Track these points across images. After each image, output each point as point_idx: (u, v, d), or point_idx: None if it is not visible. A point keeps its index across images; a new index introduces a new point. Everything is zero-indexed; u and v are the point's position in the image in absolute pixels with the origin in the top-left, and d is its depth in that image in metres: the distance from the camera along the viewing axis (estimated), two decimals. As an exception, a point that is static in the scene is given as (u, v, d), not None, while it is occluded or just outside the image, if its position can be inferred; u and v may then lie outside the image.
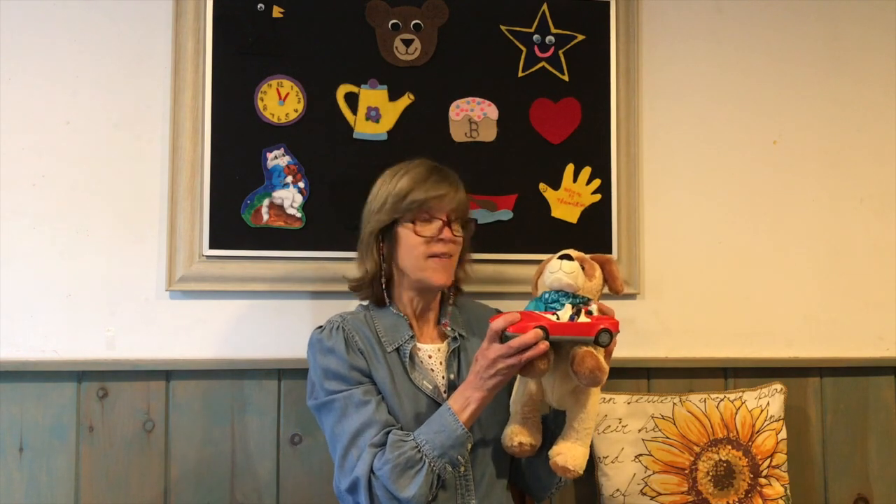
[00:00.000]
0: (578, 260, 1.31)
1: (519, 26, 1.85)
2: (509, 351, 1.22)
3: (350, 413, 1.33)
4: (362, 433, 1.31)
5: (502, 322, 1.23)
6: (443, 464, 1.27)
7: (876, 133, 2.01)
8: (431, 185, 1.39)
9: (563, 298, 1.29)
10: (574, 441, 1.32)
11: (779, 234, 1.96)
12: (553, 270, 1.30)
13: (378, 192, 1.44)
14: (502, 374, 1.25)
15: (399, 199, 1.39)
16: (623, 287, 1.37)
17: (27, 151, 1.69)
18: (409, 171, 1.42)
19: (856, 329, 1.97)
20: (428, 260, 1.39)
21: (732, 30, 1.97)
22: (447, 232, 1.40)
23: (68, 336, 1.69)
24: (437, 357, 1.44)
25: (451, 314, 1.50)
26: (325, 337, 1.40)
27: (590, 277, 1.31)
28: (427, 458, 1.27)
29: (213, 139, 1.72)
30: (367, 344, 1.40)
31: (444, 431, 1.27)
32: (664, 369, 1.87)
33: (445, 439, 1.27)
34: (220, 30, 1.73)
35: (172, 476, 1.69)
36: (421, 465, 1.26)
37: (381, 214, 1.41)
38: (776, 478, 1.73)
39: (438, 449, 1.27)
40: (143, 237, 1.72)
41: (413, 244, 1.39)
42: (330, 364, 1.37)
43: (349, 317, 1.45)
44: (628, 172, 1.88)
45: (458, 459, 1.29)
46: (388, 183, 1.43)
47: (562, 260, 1.30)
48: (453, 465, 1.29)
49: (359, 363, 1.37)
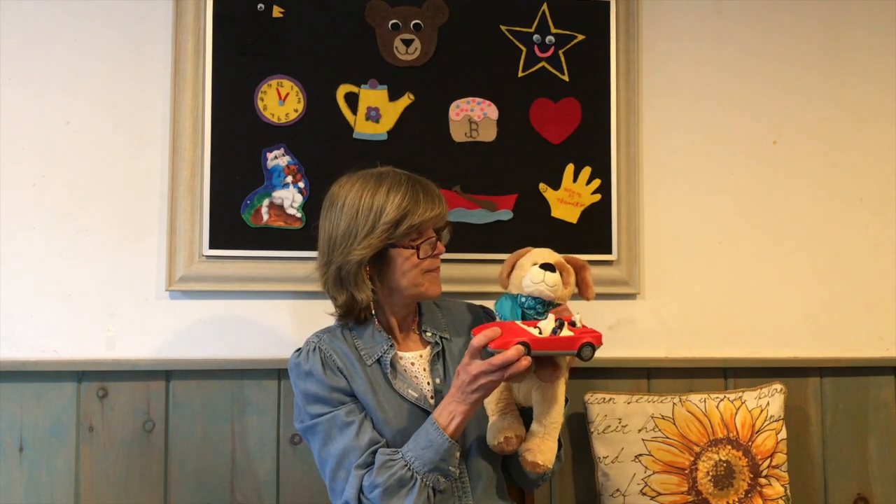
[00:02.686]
0: (558, 267, 1.34)
1: (519, 26, 1.85)
2: (491, 368, 1.20)
3: (334, 436, 1.33)
4: (348, 455, 1.31)
5: (483, 339, 1.21)
6: (435, 477, 1.28)
7: (876, 133, 2.01)
8: (425, 206, 1.34)
9: (539, 306, 1.33)
10: (542, 437, 1.34)
11: (779, 234, 1.96)
12: (536, 281, 1.32)
13: (353, 214, 1.33)
14: (485, 389, 1.25)
15: (392, 226, 1.31)
16: (594, 295, 1.40)
17: (27, 151, 1.69)
18: (390, 190, 1.33)
19: (856, 329, 1.97)
20: (424, 276, 1.37)
21: (732, 30, 1.97)
22: (439, 246, 1.39)
23: (68, 336, 1.69)
24: (419, 363, 1.43)
25: (434, 316, 1.49)
26: (303, 360, 1.38)
27: (566, 285, 1.36)
28: (418, 475, 1.27)
29: (213, 139, 1.72)
30: (345, 360, 1.38)
31: (431, 447, 1.27)
32: (664, 369, 1.87)
33: (434, 454, 1.27)
34: (220, 30, 1.73)
35: (172, 476, 1.69)
36: (413, 483, 1.27)
37: (370, 240, 1.32)
38: (776, 478, 1.73)
39: (428, 464, 1.27)
40: (143, 237, 1.72)
41: (409, 266, 1.36)
42: (310, 388, 1.36)
43: (326, 336, 1.42)
44: (628, 172, 1.88)
45: (449, 470, 1.28)
46: (367, 204, 1.33)
47: (545, 271, 1.32)
48: (446, 476, 1.29)
49: (338, 383, 1.36)
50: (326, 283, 1.40)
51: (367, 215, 1.32)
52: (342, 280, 1.36)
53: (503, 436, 1.34)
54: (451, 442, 1.26)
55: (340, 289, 1.38)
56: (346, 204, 1.35)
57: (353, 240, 1.33)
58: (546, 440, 1.34)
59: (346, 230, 1.34)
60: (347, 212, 1.34)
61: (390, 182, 1.35)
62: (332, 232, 1.36)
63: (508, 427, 1.34)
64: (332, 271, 1.37)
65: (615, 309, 1.88)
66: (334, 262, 1.36)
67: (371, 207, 1.33)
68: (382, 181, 1.35)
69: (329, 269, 1.37)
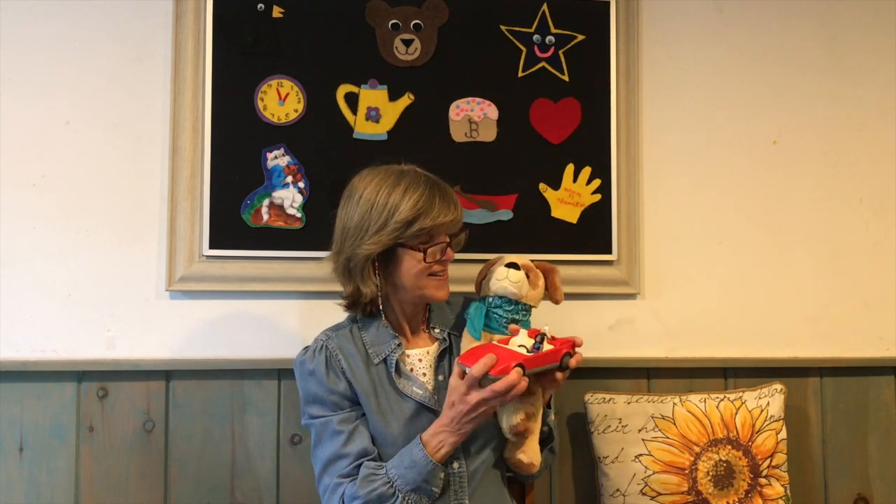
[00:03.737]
0: (524, 269, 1.39)
1: (519, 26, 1.85)
2: (493, 395, 1.22)
3: (324, 441, 1.36)
4: (333, 463, 1.33)
5: (482, 367, 1.22)
6: (417, 497, 1.29)
7: (875, 133, 2.01)
8: (439, 210, 1.33)
9: (505, 304, 1.39)
10: (531, 438, 1.38)
11: (779, 234, 1.96)
12: (500, 278, 1.38)
13: (367, 208, 1.34)
14: (484, 416, 1.27)
15: (403, 226, 1.32)
16: (562, 298, 1.44)
17: (27, 151, 1.69)
18: (407, 189, 1.33)
19: (856, 329, 1.97)
20: (428, 278, 1.38)
21: (732, 30, 1.97)
22: (449, 252, 1.39)
23: (68, 336, 1.69)
24: (426, 360, 1.44)
25: (444, 312, 1.50)
26: (308, 359, 1.40)
27: (533, 286, 1.40)
28: (400, 493, 1.28)
29: (213, 139, 1.72)
30: (350, 361, 1.39)
31: (415, 467, 1.28)
32: (664, 369, 1.87)
33: (416, 475, 1.28)
34: (220, 30, 1.73)
35: (172, 476, 1.69)
36: (394, 500, 1.28)
37: (380, 237, 1.32)
38: (776, 478, 1.73)
39: (411, 484, 1.28)
40: (143, 237, 1.72)
41: (415, 267, 1.36)
42: (310, 388, 1.38)
43: (334, 334, 1.43)
44: (628, 172, 1.88)
45: (432, 491, 1.30)
46: (382, 201, 1.33)
47: (509, 269, 1.37)
48: (429, 496, 1.30)
49: (338, 387, 1.37)
50: (336, 271, 1.42)
51: (380, 211, 1.33)
52: (350, 271, 1.38)
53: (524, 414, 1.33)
54: (434, 464, 1.28)
55: (348, 279, 1.40)
56: (363, 197, 1.35)
57: (364, 233, 1.34)
58: (534, 440, 1.39)
59: (359, 223, 1.34)
60: (363, 205, 1.35)
61: (408, 181, 1.35)
62: (347, 223, 1.37)
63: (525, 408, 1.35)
64: (342, 261, 1.38)
65: (615, 309, 1.88)
66: (344, 253, 1.37)
67: (386, 204, 1.33)
68: (401, 180, 1.35)
69: (339, 259, 1.39)
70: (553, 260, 1.58)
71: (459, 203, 1.40)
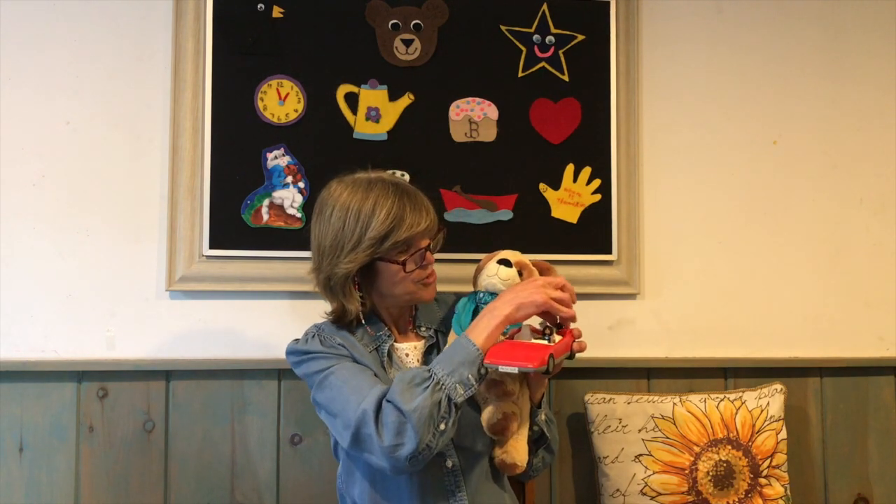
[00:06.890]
0: (518, 265, 1.37)
1: (519, 26, 1.85)
2: (559, 283, 1.31)
3: (349, 378, 1.28)
4: (370, 388, 1.25)
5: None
6: (453, 383, 1.22)
7: (875, 133, 2.01)
8: (411, 219, 1.31)
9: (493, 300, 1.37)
10: (515, 439, 1.37)
11: (779, 235, 1.96)
12: (490, 274, 1.37)
13: (340, 226, 1.31)
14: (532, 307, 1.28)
15: (377, 242, 1.29)
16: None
17: (27, 151, 1.69)
18: (376, 202, 1.30)
19: (856, 329, 1.97)
20: (415, 284, 1.37)
21: (732, 30, 1.97)
22: (429, 256, 1.38)
23: (68, 336, 1.69)
24: (413, 355, 1.43)
25: (430, 309, 1.50)
26: (301, 344, 1.38)
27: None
28: (436, 377, 1.22)
29: (213, 139, 1.72)
30: (346, 342, 1.37)
31: (458, 351, 1.24)
32: (664, 369, 1.87)
33: (455, 355, 1.24)
34: (220, 30, 1.73)
35: (172, 476, 1.69)
36: (429, 381, 1.22)
37: (356, 255, 1.30)
38: (776, 478, 1.73)
39: (449, 365, 1.23)
40: (143, 237, 1.72)
41: (398, 278, 1.35)
42: (312, 348, 1.35)
43: (325, 325, 1.42)
44: (628, 172, 1.88)
45: (468, 379, 1.22)
46: (353, 217, 1.31)
47: (500, 265, 1.36)
48: (465, 386, 1.22)
49: (342, 351, 1.35)
50: (318, 288, 1.40)
51: (353, 229, 1.31)
52: (331, 289, 1.37)
53: (501, 413, 1.32)
54: (477, 350, 1.23)
55: (332, 297, 1.39)
56: (334, 214, 1.33)
57: (340, 252, 1.32)
58: (519, 440, 1.37)
59: (333, 242, 1.32)
60: (335, 223, 1.32)
61: (377, 193, 1.32)
62: (321, 241, 1.35)
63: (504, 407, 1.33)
64: (322, 279, 1.37)
65: (615, 309, 1.88)
66: (323, 272, 1.36)
67: (357, 221, 1.30)
68: (370, 193, 1.32)
69: (319, 277, 1.37)
70: (553, 260, 1.57)
71: (431, 206, 1.37)
